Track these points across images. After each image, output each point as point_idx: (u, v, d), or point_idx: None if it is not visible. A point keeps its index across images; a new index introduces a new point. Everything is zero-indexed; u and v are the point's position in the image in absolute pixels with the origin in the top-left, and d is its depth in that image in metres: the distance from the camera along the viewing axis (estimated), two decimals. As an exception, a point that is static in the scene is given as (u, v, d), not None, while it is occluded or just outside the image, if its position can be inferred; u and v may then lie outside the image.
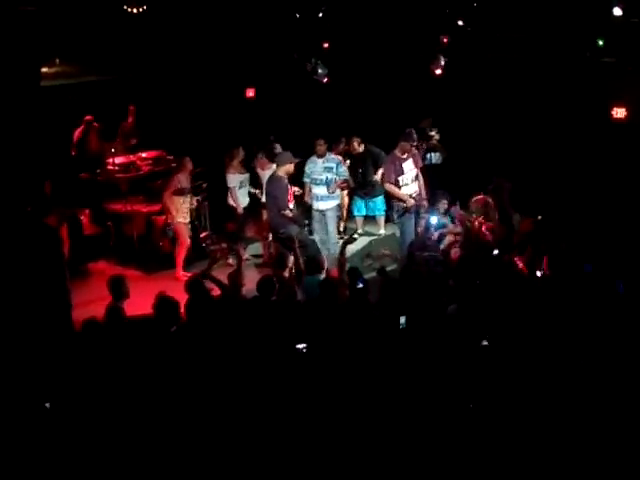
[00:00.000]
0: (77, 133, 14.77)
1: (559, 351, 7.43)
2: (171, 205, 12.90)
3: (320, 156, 13.21)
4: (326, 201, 13.22)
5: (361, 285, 8.92)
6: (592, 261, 9.68)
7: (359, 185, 14.25)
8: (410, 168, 13.04)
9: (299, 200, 13.16)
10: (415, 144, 13.10)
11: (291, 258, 10.20)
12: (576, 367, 7.17)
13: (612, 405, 6.63)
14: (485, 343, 7.66)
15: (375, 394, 6.83)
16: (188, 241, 13.08)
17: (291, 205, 12.27)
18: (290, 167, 12.26)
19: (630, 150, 15.17)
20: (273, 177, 12.40)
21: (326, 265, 10.64)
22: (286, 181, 12.23)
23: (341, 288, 8.95)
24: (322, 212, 13.22)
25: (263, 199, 13.35)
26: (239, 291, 9.33)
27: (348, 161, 14.01)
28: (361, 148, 14.20)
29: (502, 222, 11.99)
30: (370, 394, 6.84)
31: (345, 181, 13.46)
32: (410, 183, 13.02)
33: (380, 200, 14.41)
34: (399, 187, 12.93)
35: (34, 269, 9.47)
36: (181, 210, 12.92)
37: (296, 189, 13.06)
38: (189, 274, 11.54)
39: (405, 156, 12.98)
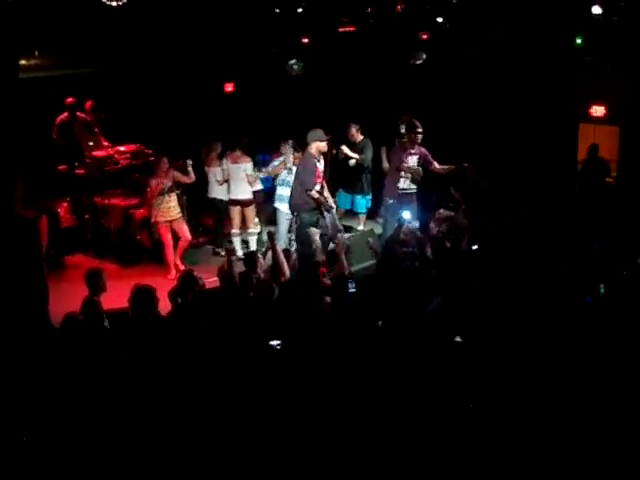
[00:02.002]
0: (62, 116, 14.65)
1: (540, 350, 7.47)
2: (151, 206, 12.92)
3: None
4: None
5: (353, 290, 8.92)
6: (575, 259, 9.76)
7: (350, 175, 14.29)
8: (413, 163, 13.02)
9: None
10: (420, 131, 12.99)
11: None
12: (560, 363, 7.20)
13: (599, 400, 6.66)
14: (458, 339, 7.69)
15: (352, 392, 6.84)
16: (170, 241, 13.08)
17: (317, 187, 12.19)
18: (320, 145, 12.14)
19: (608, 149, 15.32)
20: (304, 155, 12.37)
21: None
22: (314, 160, 12.12)
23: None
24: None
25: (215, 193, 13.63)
26: (233, 286, 9.32)
27: (345, 147, 14.03)
28: (360, 136, 14.16)
29: (477, 218, 12.03)
30: (347, 392, 6.85)
31: None
32: (408, 178, 12.97)
33: (365, 199, 14.43)
34: (398, 179, 12.95)
35: (10, 262, 9.40)
36: (161, 210, 12.90)
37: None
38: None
39: (413, 150, 12.94)
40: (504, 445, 6.25)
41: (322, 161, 12.48)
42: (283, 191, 13.17)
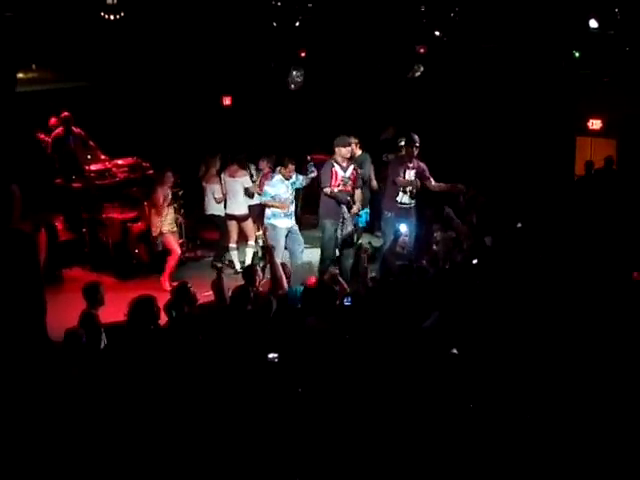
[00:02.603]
0: (57, 131, 14.72)
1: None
2: (156, 218, 12.97)
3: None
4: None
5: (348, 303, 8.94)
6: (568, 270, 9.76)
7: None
8: (411, 179, 12.96)
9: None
10: (417, 145, 12.90)
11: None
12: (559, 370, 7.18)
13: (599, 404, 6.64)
14: (455, 352, 7.66)
15: (350, 405, 6.83)
16: (179, 251, 13.19)
17: (335, 189, 12.37)
18: (343, 150, 12.45)
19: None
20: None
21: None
22: (332, 162, 12.44)
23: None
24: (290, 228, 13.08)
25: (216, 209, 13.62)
26: (225, 300, 9.30)
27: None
28: (358, 150, 13.96)
29: (476, 233, 12.06)
30: (345, 405, 6.83)
31: None
32: (407, 192, 12.97)
33: (364, 214, 14.36)
34: (397, 193, 12.93)
35: (8, 277, 9.35)
36: (167, 220, 12.95)
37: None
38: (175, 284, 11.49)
39: (411, 164, 12.92)
40: (498, 458, 6.23)
41: (350, 168, 12.61)
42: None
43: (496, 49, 15.17)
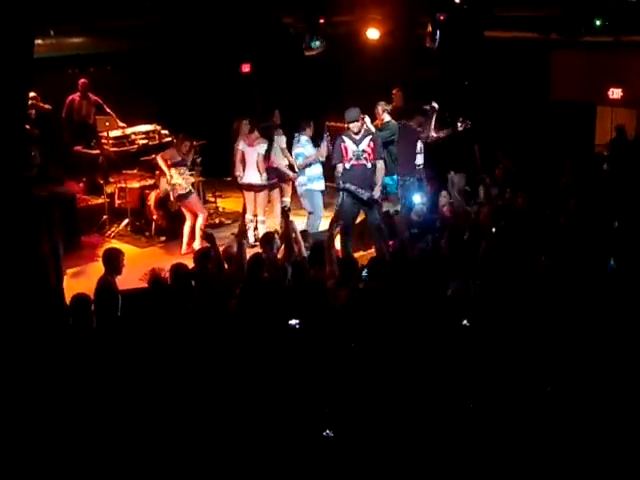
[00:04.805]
0: (72, 97, 14.87)
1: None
2: (164, 178, 12.95)
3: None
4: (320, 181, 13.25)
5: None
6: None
7: None
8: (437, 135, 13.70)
9: None
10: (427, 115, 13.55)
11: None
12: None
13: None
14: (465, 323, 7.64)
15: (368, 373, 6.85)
16: (204, 212, 13.24)
17: (347, 165, 12.12)
18: (351, 125, 12.10)
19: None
20: None
21: None
22: (343, 137, 12.15)
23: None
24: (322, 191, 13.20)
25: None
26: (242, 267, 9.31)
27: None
28: (386, 116, 13.55)
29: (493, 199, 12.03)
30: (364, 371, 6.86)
31: None
32: (419, 154, 13.50)
33: (393, 180, 14.13)
34: (414, 155, 13.43)
35: (23, 241, 9.35)
36: (185, 181, 12.93)
37: None
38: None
39: (419, 129, 13.45)
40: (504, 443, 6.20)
41: (366, 139, 12.21)
42: (312, 171, 13.04)
43: (515, 17, 14.99)
